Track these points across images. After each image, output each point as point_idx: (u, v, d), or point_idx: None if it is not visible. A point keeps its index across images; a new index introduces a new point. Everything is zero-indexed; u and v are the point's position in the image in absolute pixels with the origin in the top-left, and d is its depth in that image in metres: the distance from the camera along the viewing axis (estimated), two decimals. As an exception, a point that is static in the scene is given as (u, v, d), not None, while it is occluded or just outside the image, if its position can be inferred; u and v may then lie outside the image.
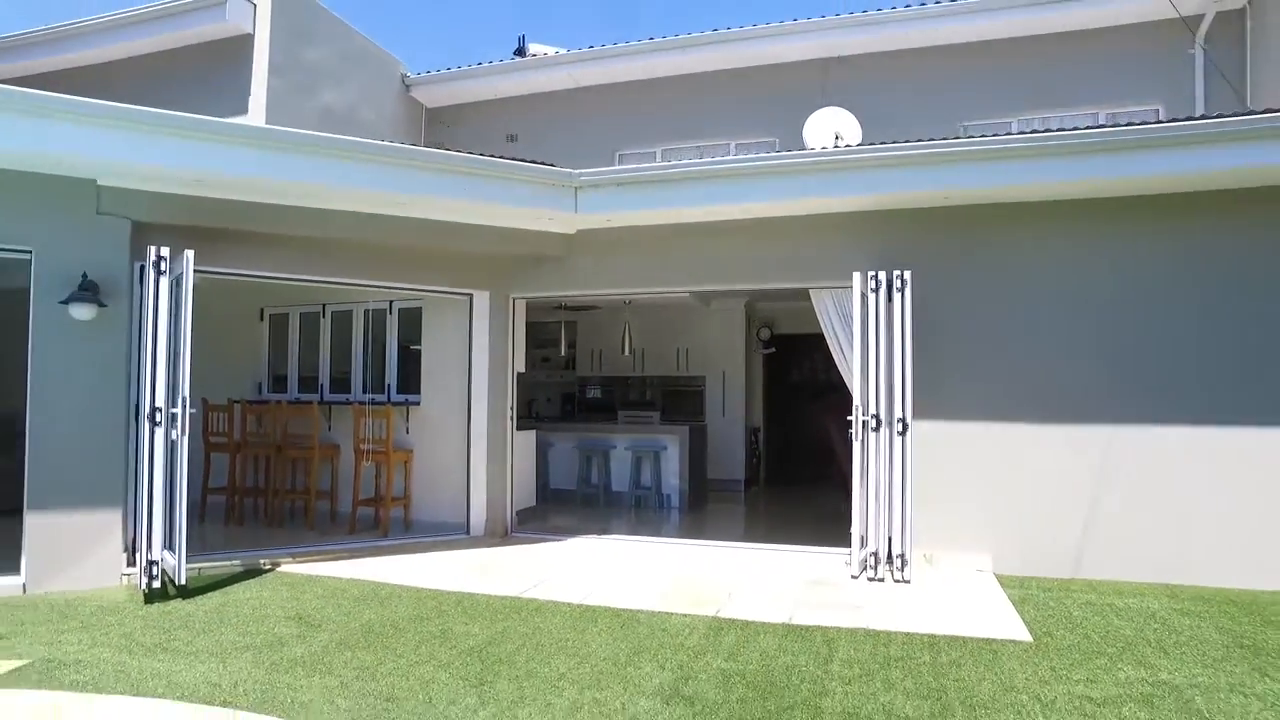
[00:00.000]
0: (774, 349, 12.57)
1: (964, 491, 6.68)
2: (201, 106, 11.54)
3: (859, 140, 11.17)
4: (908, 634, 4.87)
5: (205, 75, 11.48)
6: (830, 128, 11.43)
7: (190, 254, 5.80)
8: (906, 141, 6.65)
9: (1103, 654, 4.53)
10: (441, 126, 13.98)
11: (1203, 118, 5.97)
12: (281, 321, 9.88)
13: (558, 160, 11.51)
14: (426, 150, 7.14)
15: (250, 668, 4.28)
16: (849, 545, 6.45)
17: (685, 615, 5.26)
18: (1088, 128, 6.08)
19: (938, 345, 6.70)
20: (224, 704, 3.81)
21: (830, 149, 7.14)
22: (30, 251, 6.03)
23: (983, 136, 6.49)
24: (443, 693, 3.93)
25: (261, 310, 9.89)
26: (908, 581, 6.14)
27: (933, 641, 4.73)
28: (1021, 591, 5.92)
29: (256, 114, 11.16)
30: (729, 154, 12.50)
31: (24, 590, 5.86)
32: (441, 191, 6.88)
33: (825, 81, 11.86)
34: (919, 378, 6.43)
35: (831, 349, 7.07)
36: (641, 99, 12.62)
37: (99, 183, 6.20)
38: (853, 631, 4.92)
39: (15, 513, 6.05)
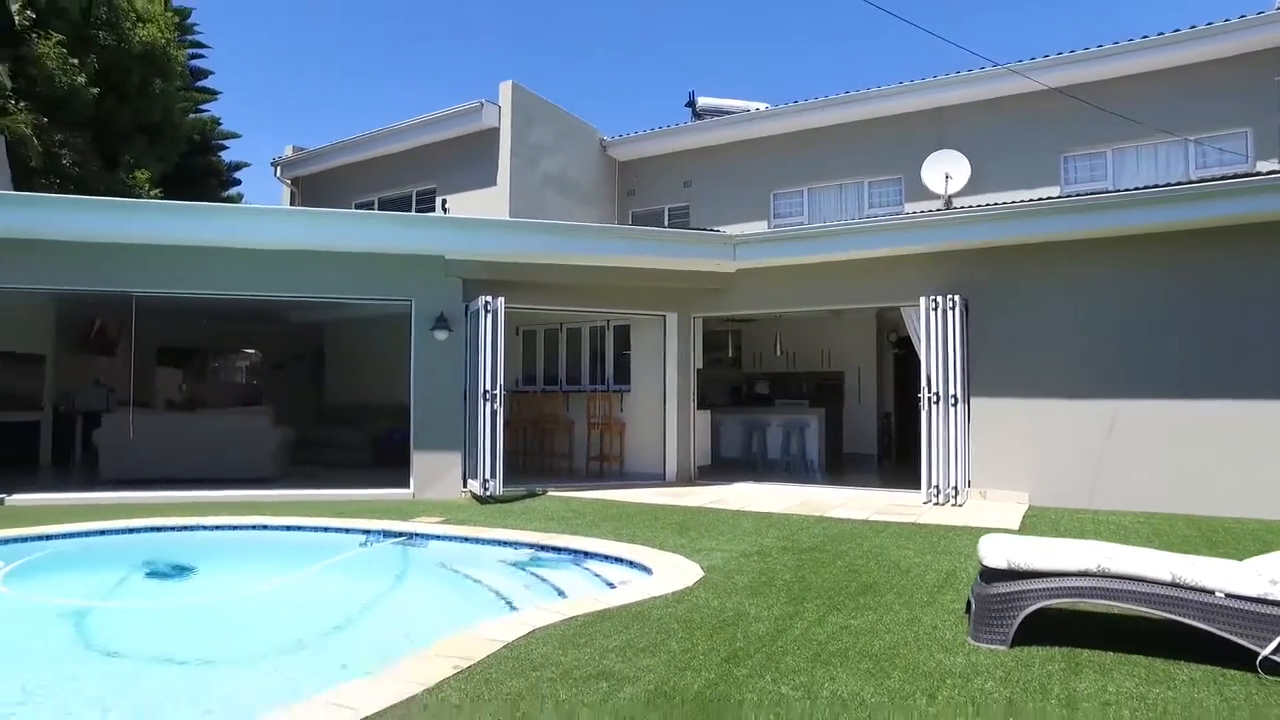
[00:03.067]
0: (901, 349, 15.34)
1: (1009, 448, 9.47)
2: (461, 181, 16.12)
3: (968, 177, 13.89)
4: (938, 525, 7.92)
5: (464, 159, 15.95)
6: (942, 169, 14.26)
7: (502, 300, 9.84)
8: (964, 208, 9.57)
9: (1058, 534, 7.39)
10: (632, 177, 17.83)
11: (1178, 183, 8.54)
12: (531, 336, 14.06)
13: (723, 199, 15.25)
14: (640, 229, 11.02)
15: (558, 526, 8.05)
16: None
17: (802, 515, 8.58)
18: (1089, 194, 8.78)
19: (988, 346, 9.57)
20: (549, 533, 7.58)
21: (898, 216, 10.14)
22: (410, 300, 10.32)
23: (1018, 202, 9.31)
24: (660, 534, 7.49)
25: (517, 328, 14.08)
26: (960, 506, 9.09)
27: (951, 528, 7.75)
28: (1038, 512, 8.71)
29: (503, 185, 15.48)
30: (863, 191, 15.45)
31: (413, 497, 10.09)
32: (647, 252, 10.65)
33: (941, 127, 14.52)
34: (974, 369, 9.36)
35: (916, 347, 10.06)
36: (790, 148, 15.77)
37: (445, 257, 10.38)
38: (903, 524, 8.03)
39: (377, 464, 10.37)
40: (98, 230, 9.44)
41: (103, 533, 7.58)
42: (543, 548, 7.09)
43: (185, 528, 7.89)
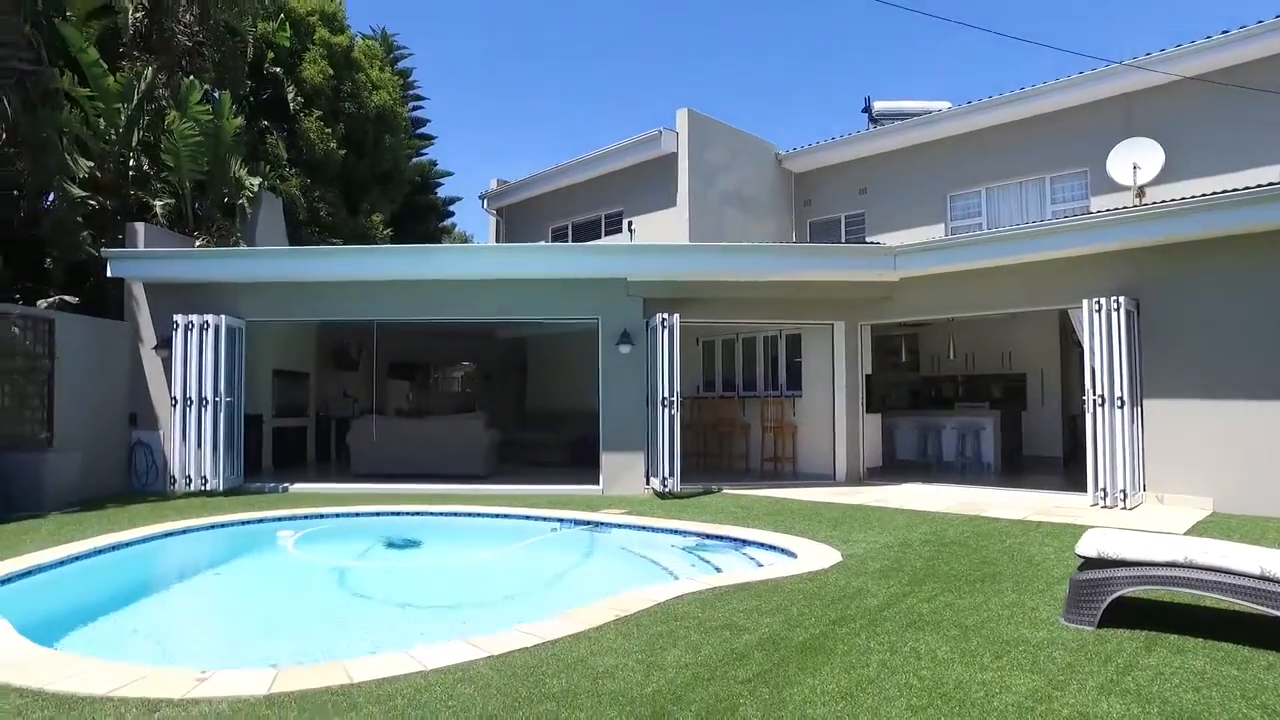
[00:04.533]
0: (1090, 348, 14.82)
1: (1189, 451, 9.21)
2: (645, 204, 17.38)
3: (1160, 166, 13.22)
4: (1095, 526, 8.02)
5: (646, 183, 17.22)
6: (1130, 159, 13.67)
7: (677, 316, 10.94)
8: (1130, 206, 9.46)
9: (1228, 539, 7.31)
10: (807, 188, 18.36)
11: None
12: (710, 346, 15.11)
13: (898, 204, 15.53)
14: (801, 245, 11.80)
15: (725, 519, 8.97)
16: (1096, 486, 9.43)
17: (956, 514, 8.95)
18: (1257, 186, 8.45)
19: (1165, 345, 9.38)
20: (717, 524, 8.52)
21: (1056, 221, 10.08)
22: (598, 318, 11.69)
23: (1187, 198, 9.07)
24: (815, 527, 8.21)
25: (697, 338, 15.18)
26: (1130, 509, 9.02)
27: (1109, 528, 7.84)
28: (1219, 518, 8.48)
29: (682, 205, 16.59)
30: (1045, 188, 15.07)
31: (602, 493, 11.42)
32: (809, 267, 11.38)
33: (1129, 114, 13.84)
34: (1149, 370, 9.26)
35: (1085, 348, 10.02)
36: (967, 148, 15.65)
37: (627, 279, 11.65)
38: (1058, 524, 8.20)
39: (573, 464, 11.73)
40: (348, 272, 11.63)
41: (355, 515, 9.50)
42: (708, 536, 8.08)
43: (416, 513, 9.66)
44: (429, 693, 3.48)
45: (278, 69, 15.84)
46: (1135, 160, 13.30)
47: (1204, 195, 9.20)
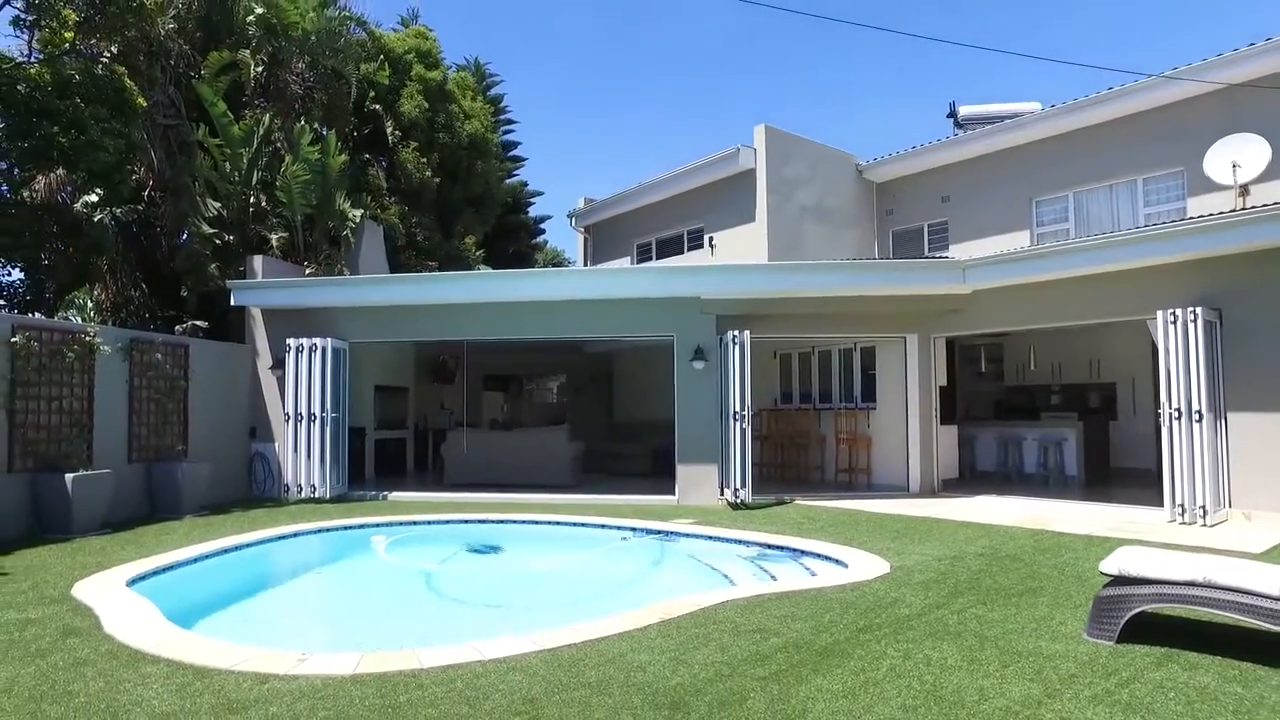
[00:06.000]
0: (1185, 357, 14.30)
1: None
2: (725, 219, 17.76)
3: (1266, 162, 12.62)
4: (1164, 543, 7.95)
5: (726, 199, 17.61)
6: (1229, 156, 13.08)
7: (747, 333, 11.35)
8: (1207, 215, 9.31)
9: (1295, 557, 7.19)
10: (889, 198, 18.34)
11: None
12: (787, 359, 15.39)
13: (981, 211, 15.44)
14: (867, 261, 12.02)
15: (790, 530, 9.30)
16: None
17: (1020, 527, 9.01)
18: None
19: (1249, 356, 9.17)
20: (780, 534, 8.88)
21: (1128, 231, 9.90)
22: (673, 335, 12.21)
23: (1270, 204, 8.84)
24: (875, 539, 8.46)
25: (774, 351, 15.48)
26: (1210, 526, 8.85)
27: (1174, 547, 7.76)
28: (1302, 536, 8.26)
29: (760, 220, 16.91)
30: (1136, 190, 14.65)
31: (677, 503, 11.90)
32: (876, 282, 11.62)
33: (1232, 108, 13.20)
34: (1235, 382, 9.09)
35: (1160, 360, 9.85)
36: (1053, 152, 15.36)
37: (701, 298, 12.12)
38: (1124, 540, 8.13)
39: (655, 474, 12.23)
40: (440, 296, 12.61)
41: (444, 522, 10.35)
42: (770, 546, 8.47)
43: (499, 521, 10.43)
44: (485, 678, 4.08)
45: (377, 106, 17.14)
46: (1235, 158, 12.75)
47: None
